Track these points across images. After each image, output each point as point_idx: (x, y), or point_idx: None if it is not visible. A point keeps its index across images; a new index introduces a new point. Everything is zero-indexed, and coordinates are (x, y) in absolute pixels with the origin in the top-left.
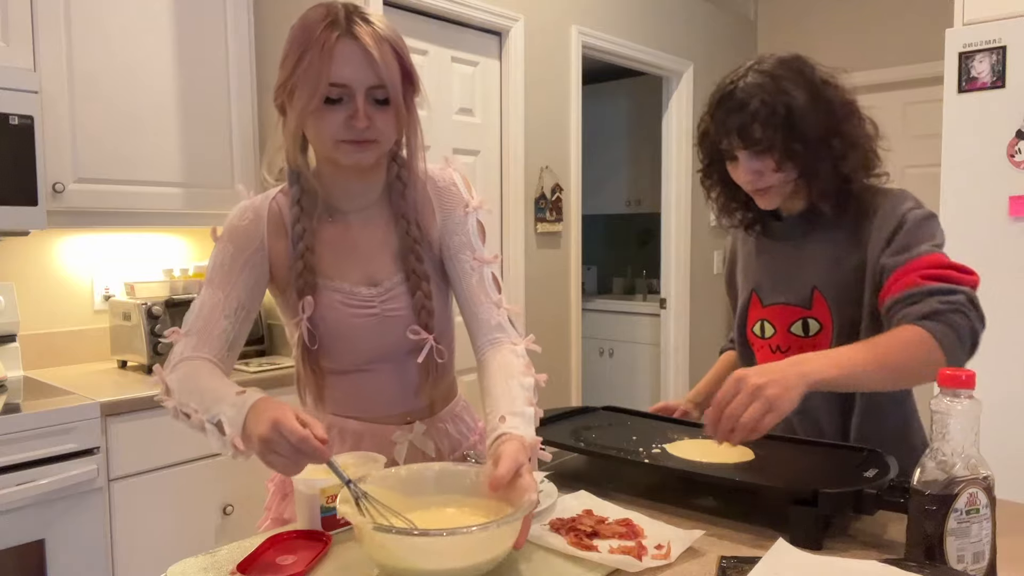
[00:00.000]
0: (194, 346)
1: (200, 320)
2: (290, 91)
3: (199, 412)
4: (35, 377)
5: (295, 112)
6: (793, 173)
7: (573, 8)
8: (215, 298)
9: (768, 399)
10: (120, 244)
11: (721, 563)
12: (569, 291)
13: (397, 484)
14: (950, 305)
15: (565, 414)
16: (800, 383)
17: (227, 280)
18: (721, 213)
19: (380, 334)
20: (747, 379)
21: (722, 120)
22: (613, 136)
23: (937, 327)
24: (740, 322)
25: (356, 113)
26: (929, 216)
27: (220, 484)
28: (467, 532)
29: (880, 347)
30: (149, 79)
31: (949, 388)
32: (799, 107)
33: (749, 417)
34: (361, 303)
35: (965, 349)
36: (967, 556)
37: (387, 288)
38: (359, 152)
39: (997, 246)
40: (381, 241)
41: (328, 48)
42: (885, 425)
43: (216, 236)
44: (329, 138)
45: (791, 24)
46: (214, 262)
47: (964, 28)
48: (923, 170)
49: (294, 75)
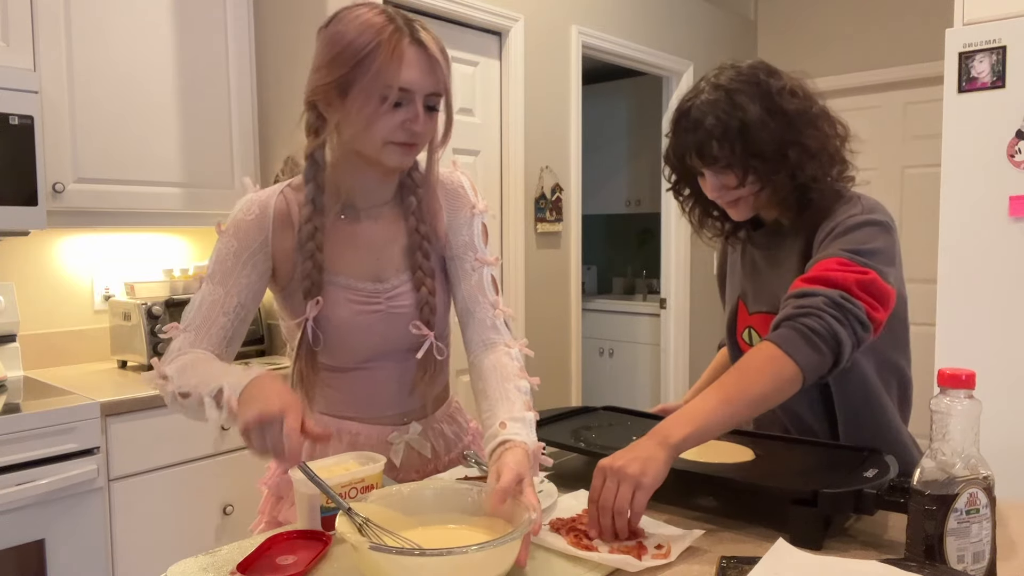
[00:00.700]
0: (192, 342)
1: (199, 316)
2: (341, 90)
3: (199, 388)
4: (35, 377)
5: (349, 110)
6: (756, 186)
7: (573, 8)
8: (215, 294)
9: (632, 477)
10: (120, 244)
11: (721, 563)
12: (569, 291)
13: (398, 502)
14: (802, 309)
15: (565, 414)
16: (659, 452)
17: (228, 276)
18: (700, 226)
19: (384, 331)
20: (608, 467)
21: (681, 140)
22: (613, 136)
23: (783, 334)
24: (729, 328)
25: (416, 117)
26: (866, 223)
27: (220, 484)
28: (464, 552)
29: (730, 384)
30: (149, 79)
31: (949, 388)
32: (753, 122)
33: (621, 500)
34: (367, 299)
35: (823, 353)
36: (967, 556)
37: (393, 285)
38: (406, 155)
39: (997, 246)
40: (390, 238)
41: (399, 52)
42: (868, 427)
43: (221, 230)
44: (380, 139)
45: (791, 24)
46: (216, 256)
47: (964, 28)
48: (923, 170)
49: (352, 74)
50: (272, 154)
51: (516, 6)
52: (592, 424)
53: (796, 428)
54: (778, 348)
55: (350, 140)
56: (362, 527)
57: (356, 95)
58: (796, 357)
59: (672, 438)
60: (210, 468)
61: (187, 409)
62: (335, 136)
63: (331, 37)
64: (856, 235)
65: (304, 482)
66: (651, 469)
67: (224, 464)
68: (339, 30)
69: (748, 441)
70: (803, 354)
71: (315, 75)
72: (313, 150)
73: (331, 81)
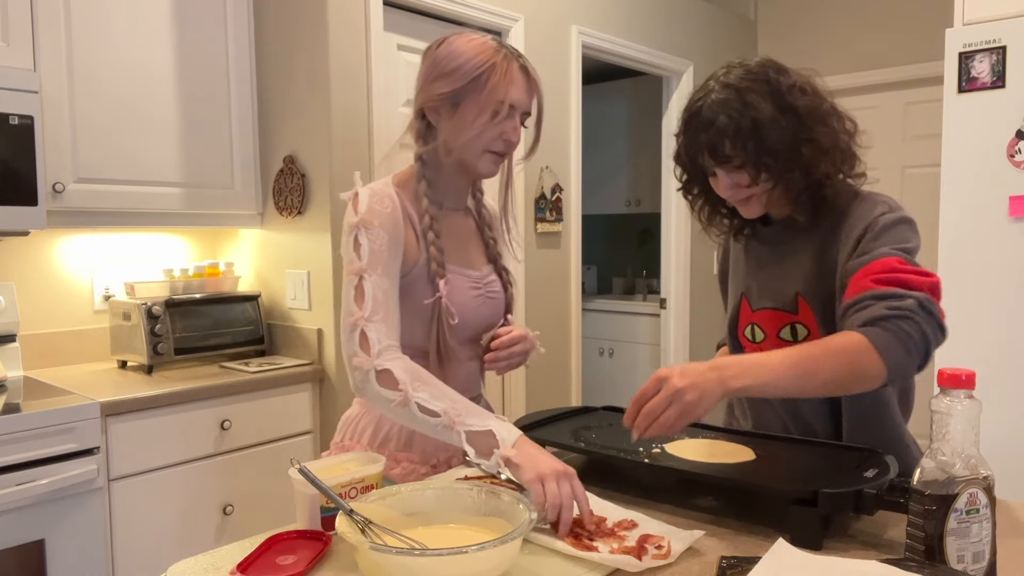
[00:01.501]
0: (385, 333)
1: (380, 307)
2: (453, 102)
3: (452, 414)
4: (35, 377)
5: (460, 120)
6: (769, 184)
7: (573, 8)
8: (383, 284)
9: (685, 405)
10: (120, 244)
11: (721, 563)
12: (569, 291)
13: (398, 502)
14: (897, 311)
15: (565, 414)
16: (717, 390)
17: (389, 266)
18: (708, 224)
19: (488, 313)
20: (669, 380)
21: (693, 139)
22: (613, 136)
23: (878, 333)
24: (731, 324)
25: (516, 130)
26: (900, 220)
27: (220, 484)
28: (464, 552)
29: (807, 355)
30: (149, 79)
31: (949, 388)
32: (765, 120)
33: (666, 418)
34: (474, 284)
35: (913, 356)
36: (967, 556)
37: (484, 274)
38: (496, 164)
39: (997, 246)
40: (469, 235)
41: (510, 74)
42: (875, 428)
43: (359, 224)
44: (482, 147)
45: (791, 24)
46: (370, 248)
47: (964, 28)
48: (923, 170)
49: (466, 88)
50: (272, 154)
51: (516, 6)
52: (592, 424)
53: (796, 425)
54: (870, 344)
55: (455, 147)
56: (364, 529)
57: (469, 107)
58: (887, 357)
59: (732, 383)
60: (210, 468)
61: (416, 420)
62: (439, 143)
63: (446, 56)
64: (896, 234)
65: (304, 482)
66: (704, 403)
67: (224, 464)
68: (455, 50)
69: (748, 441)
70: (896, 356)
71: (429, 87)
72: (423, 153)
73: (446, 93)
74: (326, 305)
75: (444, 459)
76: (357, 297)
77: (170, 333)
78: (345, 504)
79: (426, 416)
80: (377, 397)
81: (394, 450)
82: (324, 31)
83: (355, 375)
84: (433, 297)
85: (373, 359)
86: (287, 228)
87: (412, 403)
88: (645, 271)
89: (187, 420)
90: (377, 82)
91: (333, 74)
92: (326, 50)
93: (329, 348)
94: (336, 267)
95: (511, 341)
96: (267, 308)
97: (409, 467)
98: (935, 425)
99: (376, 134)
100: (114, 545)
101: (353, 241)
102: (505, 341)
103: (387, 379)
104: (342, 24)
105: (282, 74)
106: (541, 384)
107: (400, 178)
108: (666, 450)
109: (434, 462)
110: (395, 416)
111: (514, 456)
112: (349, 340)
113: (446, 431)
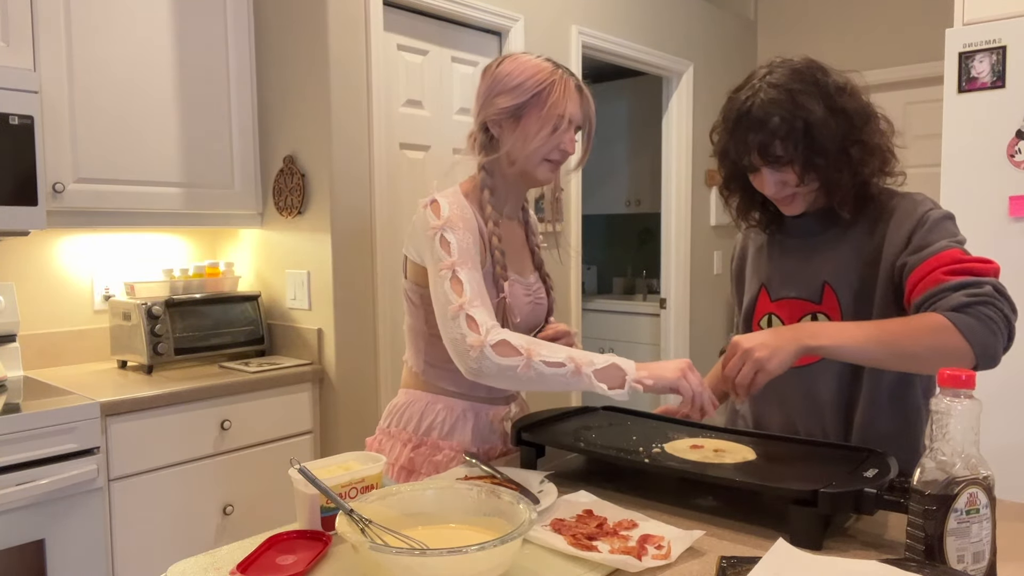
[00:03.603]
0: (489, 315)
1: (478, 295)
2: (515, 115)
3: (576, 361)
4: (35, 377)
5: (522, 132)
6: (815, 183)
7: (573, 8)
8: (476, 277)
9: (757, 360)
10: (120, 244)
11: (721, 563)
12: (569, 291)
13: (398, 502)
14: (977, 297)
15: (565, 414)
16: (791, 345)
17: (475, 263)
18: (739, 217)
19: (535, 318)
20: (739, 344)
21: (742, 139)
22: (613, 136)
23: (962, 318)
24: (747, 316)
25: (572, 141)
26: (946, 216)
27: (220, 484)
28: (464, 552)
29: (888, 327)
30: (149, 79)
31: (949, 388)
32: (817, 121)
33: (742, 377)
34: (526, 289)
35: (999, 337)
36: (967, 556)
37: (532, 281)
38: (553, 171)
39: (997, 246)
40: (520, 244)
41: (568, 90)
42: (888, 424)
43: (443, 225)
44: (541, 156)
45: (791, 24)
46: (459, 247)
47: (964, 28)
48: (923, 170)
49: (528, 103)
50: (272, 154)
51: (516, 6)
52: (592, 424)
53: (805, 416)
54: (953, 325)
55: (517, 157)
56: (364, 529)
57: (531, 120)
58: (970, 338)
59: (810, 340)
60: (210, 468)
61: (543, 377)
62: (502, 154)
63: (508, 73)
64: (947, 228)
65: (304, 482)
66: (777, 358)
67: (224, 464)
68: (515, 69)
69: (748, 441)
70: (981, 337)
71: (493, 102)
72: (486, 163)
73: (508, 107)
74: (326, 305)
75: (484, 449)
76: (455, 287)
77: (170, 333)
78: (345, 504)
79: (553, 369)
80: (498, 369)
81: (437, 438)
82: (324, 31)
83: (470, 355)
84: (498, 298)
85: (484, 336)
86: (287, 228)
87: (536, 361)
88: (645, 271)
89: (187, 420)
90: (377, 82)
91: (333, 74)
92: (326, 50)
93: (329, 348)
94: (336, 267)
95: (556, 334)
96: (267, 308)
97: (451, 454)
98: (935, 425)
99: (376, 134)
100: (114, 545)
101: (440, 240)
102: (550, 334)
103: (505, 348)
104: (342, 24)
105: (282, 74)
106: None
107: (466, 188)
108: (666, 450)
109: (474, 450)
110: (518, 383)
111: (645, 377)
112: (454, 326)
113: (575, 376)
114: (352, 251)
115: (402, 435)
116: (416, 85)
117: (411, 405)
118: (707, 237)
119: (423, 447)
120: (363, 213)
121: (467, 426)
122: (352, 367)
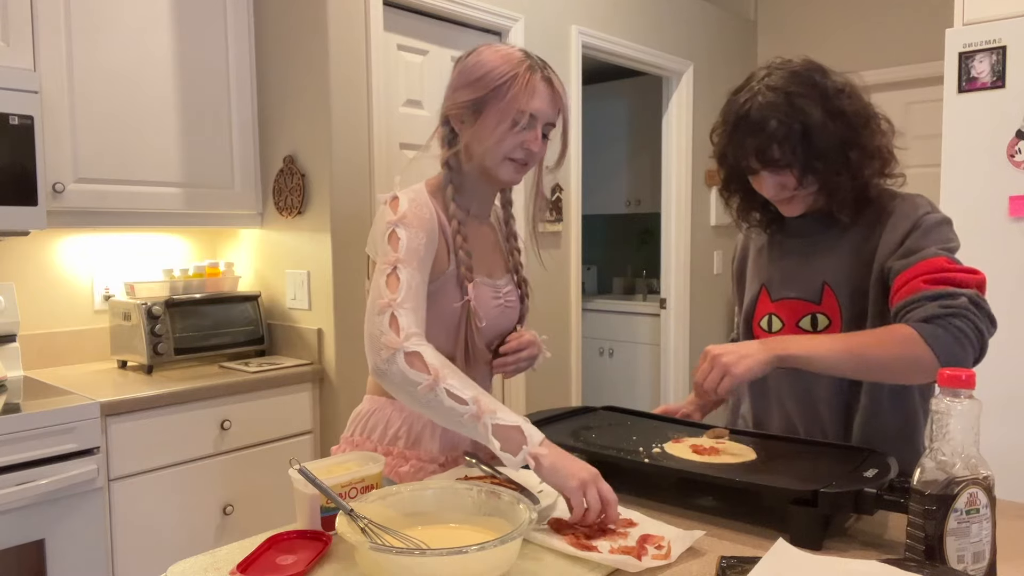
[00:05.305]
0: (416, 322)
1: (411, 298)
2: (476, 109)
3: (481, 404)
4: (35, 377)
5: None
6: (814, 186)
7: (573, 8)
8: (417, 279)
9: (724, 365)
10: (120, 244)
11: (721, 563)
12: (569, 291)
13: (397, 502)
14: (950, 309)
15: (565, 414)
16: (760, 353)
17: (422, 265)
18: (739, 217)
19: (504, 322)
20: (709, 351)
21: (740, 142)
22: (613, 136)
23: (930, 329)
24: (747, 316)
25: (535, 139)
26: (943, 221)
27: (220, 484)
28: (464, 552)
29: (858, 339)
30: (149, 79)
31: (949, 388)
32: (815, 125)
33: (710, 382)
34: (495, 291)
35: (967, 350)
36: (967, 556)
37: (503, 283)
38: (518, 172)
39: (997, 246)
40: (491, 245)
41: (532, 84)
42: (887, 424)
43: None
44: (502, 154)
45: (791, 24)
46: (407, 244)
47: (964, 28)
48: (923, 170)
49: (488, 97)
50: (272, 154)
51: (516, 6)
52: (592, 424)
53: (804, 418)
54: (920, 337)
55: (476, 154)
56: (364, 529)
57: (490, 115)
58: (937, 350)
59: (780, 349)
60: (210, 468)
61: (440, 406)
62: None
63: (473, 65)
64: (940, 234)
65: (304, 482)
66: (744, 363)
67: (224, 464)
68: (481, 60)
69: (748, 441)
70: (947, 349)
71: (454, 95)
72: (448, 158)
73: (468, 100)
74: (326, 305)
75: (452, 458)
76: (391, 283)
77: (170, 333)
78: (345, 504)
79: (453, 403)
80: (401, 379)
81: (403, 448)
82: (324, 31)
83: (380, 353)
84: (462, 300)
85: (403, 340)
86: (287, 228)
87: (441, 387)
88: (645, 271)
89: (187, 420)
90: (377, 82)
91: (333, 74)
92: (326, 50)
93: (329, 348)
94: (336, 267)
95: (519, 346)
96: (267, 308)
97: (417, 464)
98: (935, 425)
99: (376, 134)
100: (114, 545)
101: (390, 235)
102: (513, 346)
103: (417, 361)
104: (342, 24)
105: (282, 74)
106: (541, 384)
107: (432, 185)
108: (666, 450)
109: (442, 460)
110: (414, 401)
111: (545, 456)
112: (377, 321)
113: (472, 420)
114: (352, 251)
115: (366, 445)
116: (416, 85)
117: (375, 412)
118: (707, 237)
119: (389, 457)
120: (363, 213)
121: (434, 435)
122: (352, 367)
